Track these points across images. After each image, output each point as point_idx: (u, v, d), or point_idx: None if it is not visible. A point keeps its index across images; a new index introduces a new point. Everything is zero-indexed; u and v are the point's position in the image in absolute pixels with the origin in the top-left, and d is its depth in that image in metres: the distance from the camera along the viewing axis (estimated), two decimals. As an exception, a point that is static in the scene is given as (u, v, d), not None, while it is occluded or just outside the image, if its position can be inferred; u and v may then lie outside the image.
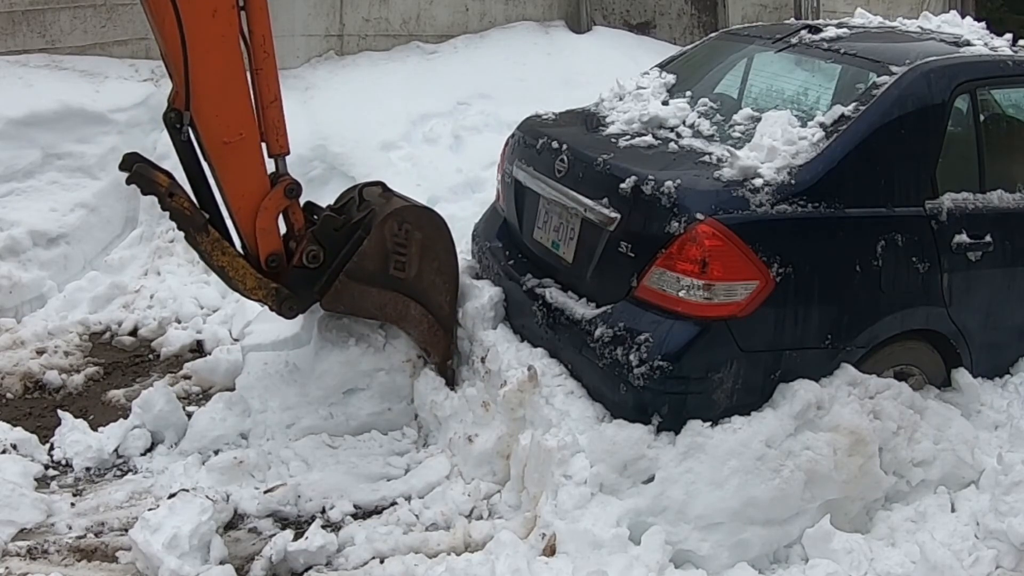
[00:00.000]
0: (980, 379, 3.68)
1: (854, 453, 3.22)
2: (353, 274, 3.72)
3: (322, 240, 3.71)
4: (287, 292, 3.69)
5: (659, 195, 3.26)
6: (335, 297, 3.73)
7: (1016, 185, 3.72)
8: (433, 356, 3.92)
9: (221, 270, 3.63)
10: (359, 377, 3.90)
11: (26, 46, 6.06)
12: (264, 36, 3.51)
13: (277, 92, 3.59)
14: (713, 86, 4.18)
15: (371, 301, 3.78)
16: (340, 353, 3.89)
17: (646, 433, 3.20)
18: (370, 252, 3.74)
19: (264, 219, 3.62)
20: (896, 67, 3.54)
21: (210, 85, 3.39)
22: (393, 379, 3.91)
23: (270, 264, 3.67)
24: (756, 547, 3.13)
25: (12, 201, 5.29)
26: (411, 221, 3.81)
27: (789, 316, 3.24)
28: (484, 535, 3.29)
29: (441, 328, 3.91)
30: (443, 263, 3.91)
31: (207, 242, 3.58)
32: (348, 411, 3.88)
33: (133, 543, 3.13)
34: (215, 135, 3.47)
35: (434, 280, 3.88)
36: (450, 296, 3.94)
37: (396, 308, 3.83)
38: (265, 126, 3.58)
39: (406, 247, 3.80)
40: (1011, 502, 3.20)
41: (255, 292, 3.67)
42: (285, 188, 3.65)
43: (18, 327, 4.78)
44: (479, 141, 6.32)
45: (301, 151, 6.03)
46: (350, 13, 7.12)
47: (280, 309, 3.72)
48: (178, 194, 3.54)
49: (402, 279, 3.81)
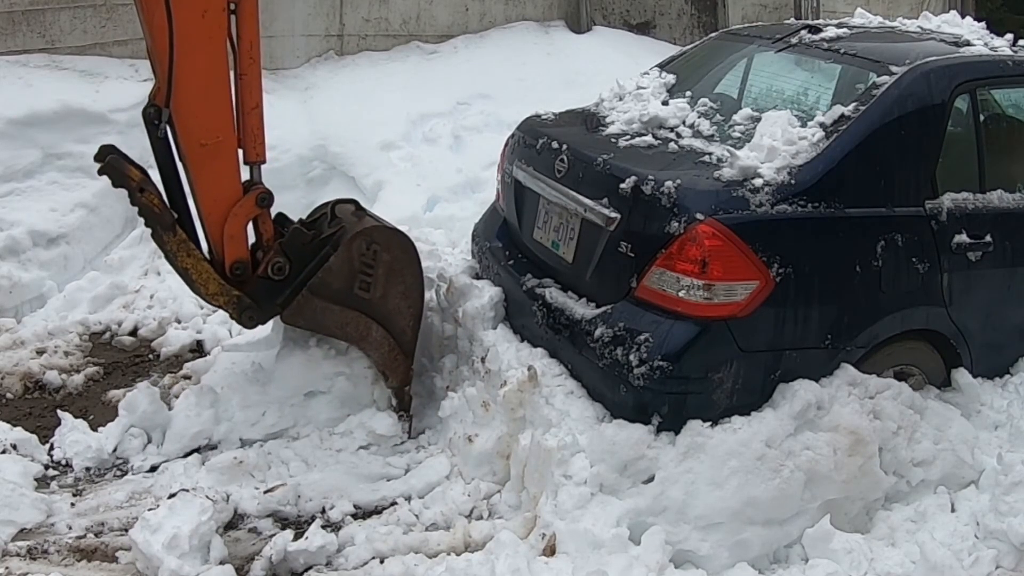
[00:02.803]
0: (980, 379, 3.68)
1: (854, 453, 3.22)
2: (316, 290, 3.67)
3: (289, 253, 3.66)
4: (249, 302, 3.64)
5: (659, 195, 3.26)
6: (296, 311, 3.69)
7: (1016, 185, 3.72)
8: (391, 380, 3.86)
9: (184, 272, 3.59)
10: (320, 380, 3.86)
11: (26, 46, 6.06)
12: (252, 42, 3.50)
13: (259, 99, 3.57)
14: (713, 86, 4.18)
15: (333, 319, 3.73)
16: (301, 354, 3.86)
17: (646, 433, 3.20)
18: (336, 269, 3.69)
19: (233, 225, 3.58)
20: (896, 67, 3.54)
21: (193, 85, 3.37)
22: (354, 385, 3.87)
23: (235, 272, 3.62)
24: (756, 547, 3.13)
25: (12, 201, 5.28)
26: (380, 242, 3.76)
27: (789, 316, 3.24)
28: (484, 535, 3.29)
29: (402, 353, 3.84)
30: (409, 287, 3.84)
31: (173, 242, 3.54)
32: (308, 414, 3.84)
33: (133, 543, 3.13)
34: (192, 135, 3.44)
35: (399, 304, 3.82)
36: (413, 322, 3.88)
37: (357, 328, 3.76)
38: (244, 132, 3.56)
39: (373, 268, 3.75)
40: (1011, 502, 3.20)
41: (216, 298, 3.63)
42: (257, 196, 3.62)
43: (18, 327, 4.78)
44: (479, 141, 6.33)
45: (301, 151, 6.06)
46: (350, 13, 7.13)
47: (240, 318, 3.68)
48: (149, 190, 3.51)
49: (366, 300, 3.75)
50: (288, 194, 5.89)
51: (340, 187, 6.08)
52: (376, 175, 6.04)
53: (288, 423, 3.84)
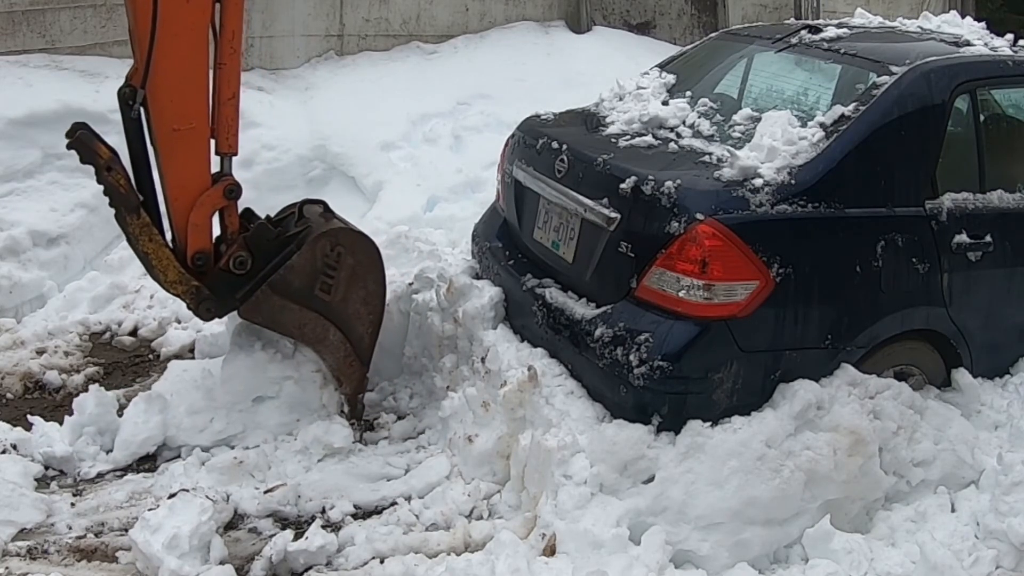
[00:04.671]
0: (980, 379, 3.68)
1: (854, 453, 3.22)
2: (276, 287, 3.64)
3: (253, 248, 3.64)
4: (207, 293, 3.61)
5: (659, 195, 3.26)
6: (254, 307, 3.65)
7: (1016, 185, 3.72)
8: (344, 387, 3.83)
9: (145, 256, 3.56)
10: (267, 385, 3.80)
11: (26, 46, 6.06)
12: (234, 32, 3.49)
13: (236, 91, 3.54)
14: (713, 86, 4.18)
15: (291, 318, 3.69)
16: (246, 358, 3.80)
17: (646, 433, 3.20)
18: (298, 268, 3.66)
19: (198, 215, 3.55)
20: (896, 67, 3.54)
21: (171, 69, 3.36)
22: (303, 389, 3.81)
23: (196, 262, 3.59)
24: (756, 547, 3.13)
25: (12, 201, 5.29)
26: (345, 245, 3.73)
27: (789, 316, 3.24)
28: (484, 535, 3.29)
29: (358, 360, 3.82)
30: (371, 294, 3.82)
31: (136, 225, 3.51)
32: (257, 419, 3.78)
33: (133, 543, 3.13)
34: (165, 119, 3.42)
35: (359, 309, 3.79)
36: (372, 329, 3.85)
37: (315, 330, 3.73)
38: (218, 122, 3.53)
39: (336, 270, 3.71)
40: (1011, 502, 3.20)
41: (175, 286, 3.58)
42: (225, 188, 3.59)
43: (18, 327, 4.78)
44: (479, 141, 6.33)
45: (301, 151, 6.07)
46: (350, 13, 7.13)
47: (197, 309, 3.64)
48: (116, 170, 3.48)
49: (326, 302, 3.72)
50: (288, 194, 5.88)
51: (340, 187, 6.08)
52: (376, 175, 6.04)
53: (237, 429, 3.78)
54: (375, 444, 3.96)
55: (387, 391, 4.35)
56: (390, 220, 5.52)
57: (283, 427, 3.80)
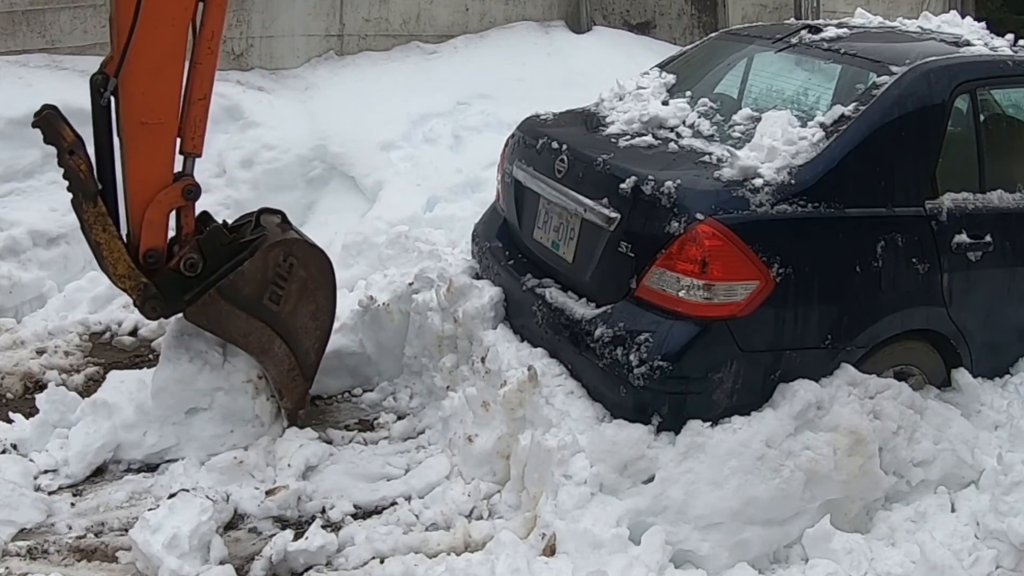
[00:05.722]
0: (980, 379, 3.68)
1: (854, 453, 3.22)
2: (225, 292, 3.59)
3: (205, 251, 3.61)
4: (155, 292, 3.58)
5: (659, 195, 3.26)
6: (201, 310, 3.60)
7: (1016, 185, 3.72)
8: (286, 400, 3.78)
9: (96, 246, 3.53)
10: (198, 396, 3.73)
11: (26, 46, 6.07)
12: (214, 32, 3.48)
13: (208, 92, 3.54)
14: (713, 86, 4.18)
15: (237, 325, 3.64)
16: (174, 370, 3.71)
17: (646, 433, 3.20)
18: (248, 275, 3.61)
19: (155, 211, 3.53)
20: (896, 67, 3.54)
21: (146, 62, 3.35)
22: (234, 400, 3.73)
23: (147, 259, 3.56)
24: (756, 547, 3.13)
25: (12, 201, 5.29)
26: (298, 257, 3.69)
27: (789, 316, 3.24)
28: (484, 535, 3.29)
29: (302, 375, 3.77)
30: (320, 308, 3.77)
31: (92, 212, 3.49)
32: (191, 432, 3.72)
33: (133, 543, 3.14)
34: (134, 111, 3.41)
35: (307, 324, 3.75)
36: (319, 345, 3.80)
37: (260, 340, 3.67)
38: (186, 121, 3.52)
39: (287, 281, 3.67)
40: (1011, 502, 3.20)
41: (123, 280, 3.55)
42: (185, 187, 3.57)
43: (18, 327, 4.78)
44: (479, 141, 6.32)
45: (301, 151, 6.06)
46: (350, 13, 7.13)
47: (143, 307, 3.60)
48: (79, 155, 3.46)
49: (274, 312, 3.67)
50: (288, 194, 5.90)
51: (340, 187, 6.08)
52: (376, 175, 6.04)
53: (171, 442, 3.72)
54: (375, 444, 3.96)
55: (387, 391, 4.36)
56: (390, 220, 5.51)
57: (217, 439, 3.72)
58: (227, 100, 6.12)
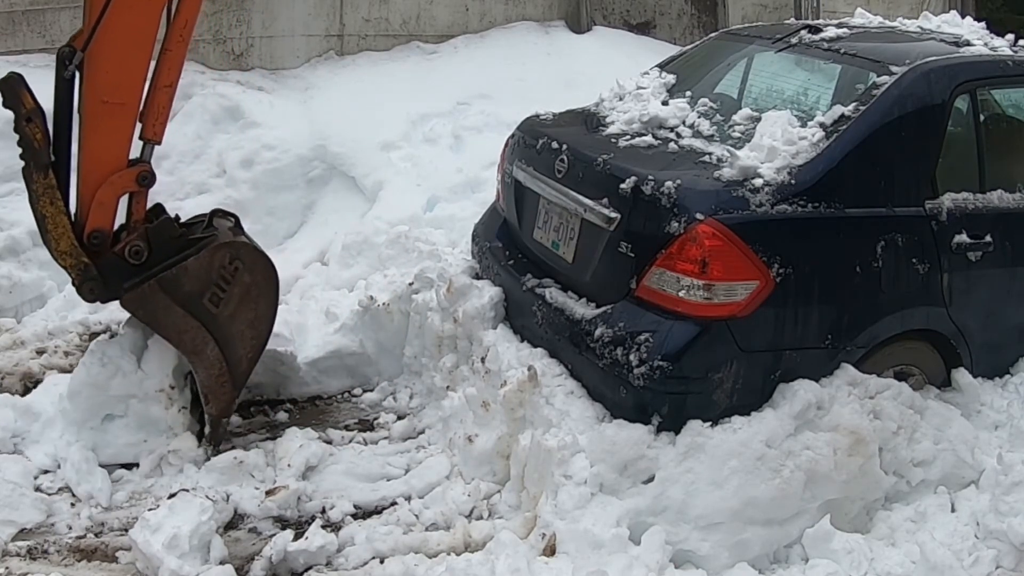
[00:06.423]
0: (980, 379, 3.68)
1: (854, 453, 3.22)
2: (165, 285, 3.53)
3: (153, 241, 3.56)
4: (95, 274, 3.53)
5: (659, 195, 3.26)
6: (139, 300, 3.54)
7: (1016, 185, 3.72)
8: (211, 406, 3.68)
9: (42, 219, 3.49)
10: (112, 403, 3.66)
11: (26, 46, 6.06)
12: (187, 21, 3.47)
13: (174, 81, 3.51)
14: (713, 86, 4.18)
15: (172, 321, 3.56)
16: (87, 374, 3.66)
17: (646, 433, 3.20)
18: (192, 271, 3.56)
19: (106, 193, 3.49)
20: (896, 67, 3.54)
21: (116, 41, 3.33)
22: (148, 408, 3.66)
23: (92, 239, 3.51)
24: (756, 547, 3.13)
25: (12, 201, 5.27)
26: (245, 261, 3.63)
27: (789, 316, 3.24)
28: (484, 535, 3.29)
29: (231, 382, 3.67)
30: (259, 317, 3.70)
31: (41, 184, 3.45)
32: (107, 439, 3.67)
33: (133, 543, 3.14)
34: (98, 89, 3.39)
35: (244, 331, 3.67)
36: (253, 355, 3.72)
37: (194, 340, 3.58)
38: (149, 107, 3.50)
39: (230, 284, 3.60)
40: (1011, 502, 3.20)
41: (65, 257, 3.51)
42: (139, 173, 3.53)
43: (18, 327, 4.77)
44: (479, 141, 6.32)
45: (301, 151, 6.06)
46: (350, 13, 7.13)
47: (80, 287, 3.56)
48: (36, 123, 3.42)
49: (213, 314, 3.60)
50: (288, 194, 5.90)
51: (340, 187, 6.08)
52: (376, 175, 6.04)
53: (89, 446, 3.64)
54: (375, 444, 3.96)
55: (387, 391, 4.36)
56: (390, 220, 5.51)
57: (131, 448, 3.67)
58: (227, 100, 6.12)
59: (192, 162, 5.85)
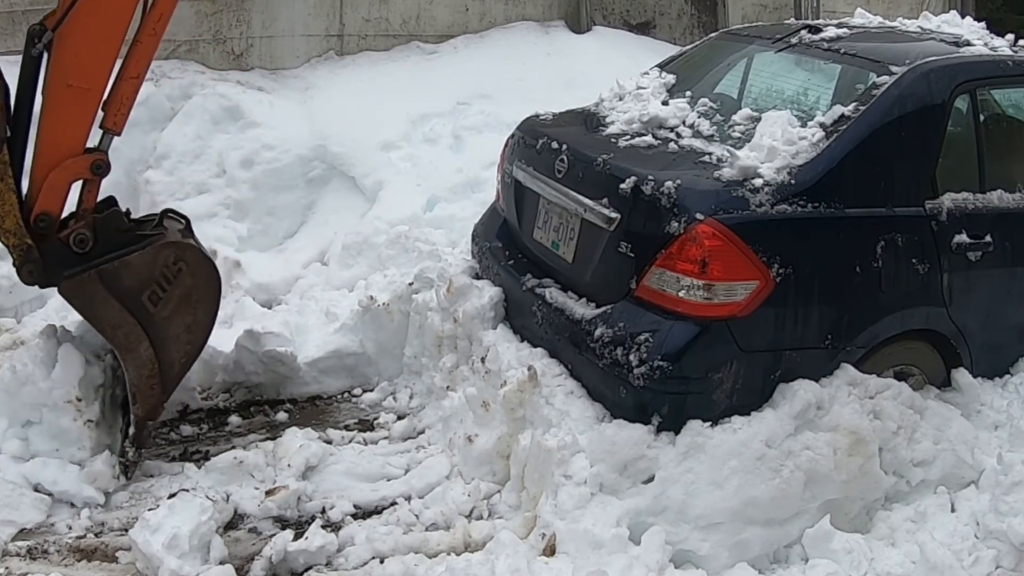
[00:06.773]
0: (980, 379, 3.68)
1: (854, 453, 3.22)
2: (105, 276, 3.47)
3: (99, 231, 3.52)
4: (37, 257, 3.44)
5: (659, 195, 3.26)
6: (76, 288, 3.47)
7: (1016, 185, 3.72)
8: (139, 407, 3.58)
9: None
10: (27, 410, 3.59)
11: (26, 46, 6.05)
12: (162, 15, 3.46)
13: (143, 72, 3.49)
14: (713, 86, 4.18)
15: (108, 315, 3.49)
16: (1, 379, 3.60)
17: (646, 433, 3.20)
18: (134, 266, 3.50)
19: (58, 177, 3.46)
20: (896, 67, 3.54)
21: (88, 26, 3.31)
22: (59, 418, 3.55)
23: (39, 222, 3.47)
24: (756, 547, 3.13)
25: (12, 201, 5.27)
26: (189, 263, 3.58)
27: (789, 316, 3.24)
28: (484, 535, 3.29)
29: (160, 385, 3.59)
30: (197, 323, 3.64)
31: None
32: (30, 447, 3.59)
33: (133, 543, 3.14)
34: (64, 71, 3.36)
35: (179, 334, 3.60)
36: (186, 360, 3.65)
37: (128, 337, 3.51)
38: (113, 96, 3.48)
39: (171, 285, 3.55)
40: (1011, 502, 3.20)
41: (7, 236, 3.46)
42: (94, 162, 3.49)
43: (18, 327, 4.78)
44: (479, 141, 6.32)
45: (301, 151, 6.06)
46: (350, 13, 7.12)
47: (20, 269, 3.51)
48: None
49: (150, 313, 3.53)
50: (288, 194, 5.90)
51: (340, 187, 6.08)
52: (376, 175, 6.04)
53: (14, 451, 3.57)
54: (375, 444, 3.96)
55: (387, 391, 4.36)
56: (390, 220, 5.51)
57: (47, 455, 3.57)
58: (227, 100, 6.12)
59: (192, 162, 5.84)
